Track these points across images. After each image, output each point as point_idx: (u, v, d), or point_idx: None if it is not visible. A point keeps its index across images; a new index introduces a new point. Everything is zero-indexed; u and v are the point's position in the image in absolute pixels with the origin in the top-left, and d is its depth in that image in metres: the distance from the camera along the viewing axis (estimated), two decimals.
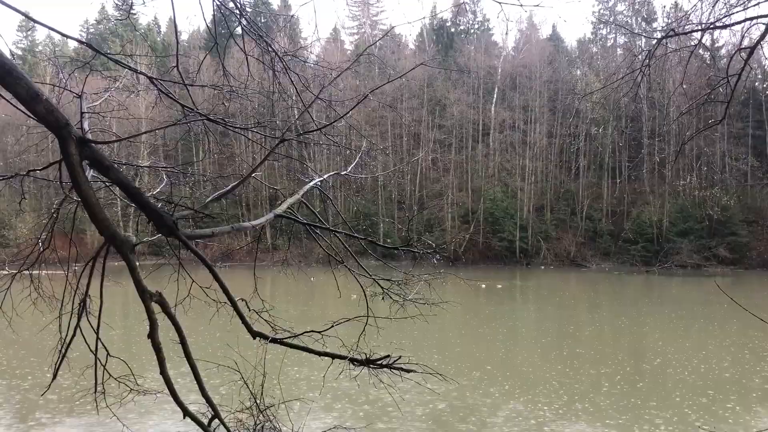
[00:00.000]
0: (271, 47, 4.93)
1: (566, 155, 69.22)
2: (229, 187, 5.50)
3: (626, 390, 16.26)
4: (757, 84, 64.80)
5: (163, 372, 4.53)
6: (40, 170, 5.09)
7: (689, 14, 6.02)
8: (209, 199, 5.30)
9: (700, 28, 5.61)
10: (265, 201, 64.32)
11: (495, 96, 69.90)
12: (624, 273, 55.94)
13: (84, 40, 4.77)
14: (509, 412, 14.30)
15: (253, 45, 5.02)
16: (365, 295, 6.17)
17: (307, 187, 6.34)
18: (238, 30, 4.89)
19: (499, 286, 43.72)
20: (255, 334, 5.09)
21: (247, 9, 5.26)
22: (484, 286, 41.61)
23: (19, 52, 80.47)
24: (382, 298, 6.20)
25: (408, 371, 5.10)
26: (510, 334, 26.21)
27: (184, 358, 4.60)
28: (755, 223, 59.79)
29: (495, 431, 13.03)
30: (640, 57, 6.14)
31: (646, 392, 16.05)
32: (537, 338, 25.06)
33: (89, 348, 4.99)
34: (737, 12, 5.30)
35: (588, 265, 61.35)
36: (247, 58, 4.94)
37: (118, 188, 4.51)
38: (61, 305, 5.15)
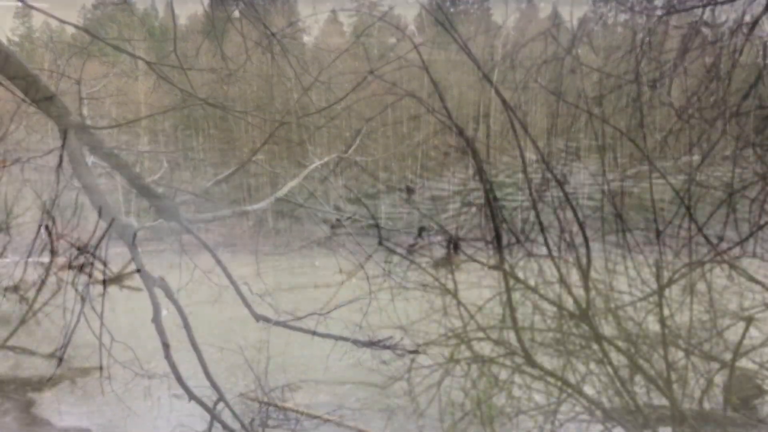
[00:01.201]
0: (269, 30, 4.89)
1: (567, 135, 68.97)
2: (230, 171, 5.50)
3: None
4: (758, 60, 64.26)
5: (168, 356, 4.56)
6: (40, 157, 5.08)
7: None
8: (210, 183, 5.30)
9: (701, 4, 5.55)
10: (265, 185, 64.14)
11: (495, 77, 69.47)
12: (628, 254, 55.90)
13: (81, 25, 4.75)
14: (513, 394, 14.36)
15: (251, 28, 4.98)
16: (367, 277, 6.19)
17: (308, 170, 6.34)
18: (236, 14, 4.86)
19: (501, 269, 43.77)
20: (258, 318, 5.11)
21: None
22: (486, 269, 41.66)
23: (16, 39, 79.88)
24: (384, 281, 6.21)
25: (411, 352, 5.14)
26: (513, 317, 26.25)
27: (188, 342, 4.63)
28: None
29: (498, 413, 13.10)
30: (640, 35, 6.08)
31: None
32: (539, 323, 25.11)
33: (93, 333, 5.00)
34: None
35: (591, 246, 61.35)
36: (245, 41, 4.91)
37: (118, 174, 4.51)
38: (64, 292, 5.15)
